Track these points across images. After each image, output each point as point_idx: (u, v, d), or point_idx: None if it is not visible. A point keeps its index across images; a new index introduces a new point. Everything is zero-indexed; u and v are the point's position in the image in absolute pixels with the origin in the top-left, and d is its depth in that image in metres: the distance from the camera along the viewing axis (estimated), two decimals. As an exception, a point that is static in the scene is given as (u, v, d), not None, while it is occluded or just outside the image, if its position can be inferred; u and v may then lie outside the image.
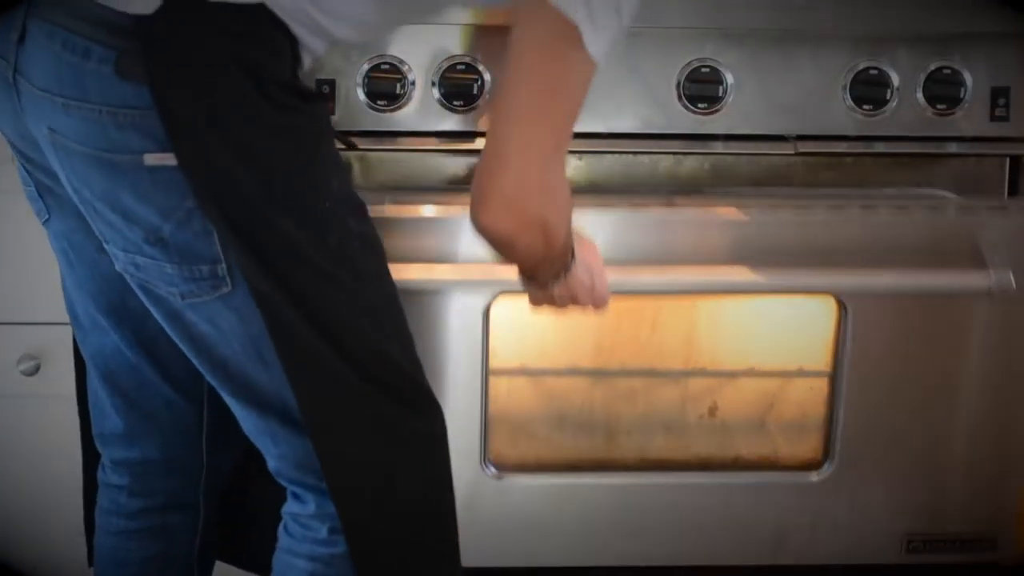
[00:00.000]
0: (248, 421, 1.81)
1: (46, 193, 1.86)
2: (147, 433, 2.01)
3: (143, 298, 1.79)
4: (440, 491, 1.85)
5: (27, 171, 1.87)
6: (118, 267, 1.77)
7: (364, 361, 1.74)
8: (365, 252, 1.77)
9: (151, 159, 1.64)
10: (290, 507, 1.85)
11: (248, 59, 1.63)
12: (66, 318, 2.39)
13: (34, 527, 2.45)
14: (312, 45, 1.72)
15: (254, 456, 1.87)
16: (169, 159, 1.63)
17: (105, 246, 1.76)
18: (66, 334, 2.39)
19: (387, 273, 1.81)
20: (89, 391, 2.06)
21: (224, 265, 1.69)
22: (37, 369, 2.39)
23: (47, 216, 1.88)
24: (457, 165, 2.33)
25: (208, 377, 1.80)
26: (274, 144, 1.66)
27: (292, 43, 1.69)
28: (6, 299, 2.39)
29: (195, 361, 1.79)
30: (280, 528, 1.86)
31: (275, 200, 1.67)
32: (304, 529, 1.82)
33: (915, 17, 2.30)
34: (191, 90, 1.62)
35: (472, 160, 2.33)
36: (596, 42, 1.64)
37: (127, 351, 1.94)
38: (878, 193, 2.37)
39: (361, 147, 2.27)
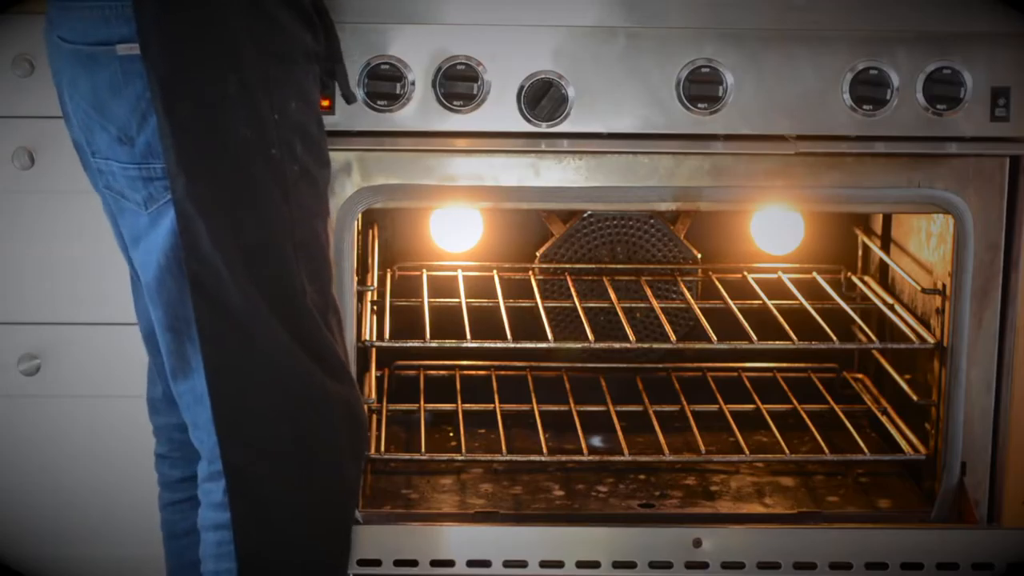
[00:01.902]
0: (167, 354, 1.85)
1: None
2: None
3: (121, 225, 1.89)
4: (337, 459, 1.87)
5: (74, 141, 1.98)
6: (100, 184, 1.89)
7: (275, 290, 1.80)
8: (304, 182, 1.84)
9: (123, 48, 1.78)
10: (197, 470, 1.87)
11: None
12: (66, 318, 2.40)
13: (34, 527, 2.45)
14: None
15: None
16: (138, 48, 1.76)
17: (93, 161, 1.89)
18: (66, 334, 2.40)
19: (321, 216, 1.88)
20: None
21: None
22: (37, 369, 2.39)
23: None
24: (457, 165, 2.33)
25: (151, 311, 1.86)
26: (237, 40, 1.77)
27: None
28: (6, 299, 2.39)
29: (147, 295, 1.87)
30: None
31: (226, 96, 1.77)
32: (205, 496, 1.84)
33: (915, 17, 2.30)
34: None
35: (471, 160, 2.33)
36: None
37: None
38: (878, 194, 2.37)
39: (361, 147, 2.27)
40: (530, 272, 2.96)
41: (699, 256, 2.99)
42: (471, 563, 2.36)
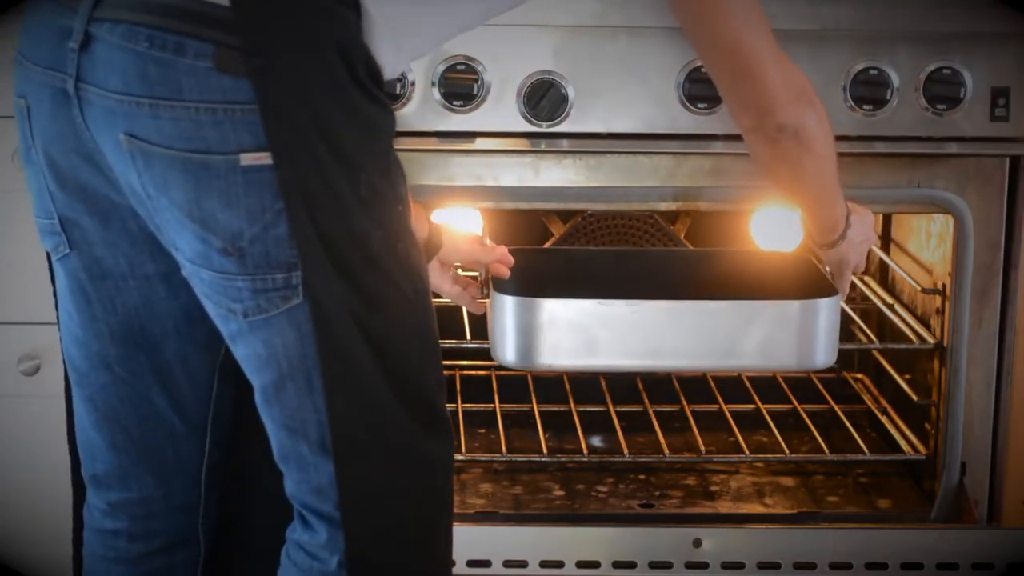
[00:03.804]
0: (277, 442, 1.77)
1: (70, 227, 1.80)
2: (146, 470, 1.94)
3: (211, 313, 1.73)
4: (442, 514, 1.81)
5: (52, 201, 1.80)
6: (184, 273, 1.72)
7: (404, 384, 1.71)
8: (422, 262, 1.76)
9: (247, 158, 1.60)
10: (298, 533, 1.79)
11: (340, 38, 1.61)
12: (66, 318, 2.39)
13: (34, 527, 2.45)
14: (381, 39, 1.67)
15: (246, 482, 1.84)
16: (266, 158, 1.59)
17: (174, 252, 1.71)
18: (66, 334, 2.39)
19: (429, 286, 1.79)
20: (79, 435, 1.96)
21: (300, 273, 1.64)
22: (37, 369, 2.39)
23: (67, 251, 1.81)
24: (457, 165, 2.33)
25: (262, 405, 1.76)
26: (362, 139, 1.64)
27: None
28: (6, 299, 2.39)
29: (258, 392, 1.75)
30: (283, 553, 1.81)
31: (360, 199, 1.64)
32: (311, 559, 1.77)
33: (915, 17, 2.30)
34: (290, 80, 1.59)
35: (471, 160, 2.33)
36: None
37: (137, 383, 1.88)
38: (878, 194, 2.37)
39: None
40: (530, 272, 2.96)
41: (699, 256, 2.99)
42: (471, 563, 2.36)
